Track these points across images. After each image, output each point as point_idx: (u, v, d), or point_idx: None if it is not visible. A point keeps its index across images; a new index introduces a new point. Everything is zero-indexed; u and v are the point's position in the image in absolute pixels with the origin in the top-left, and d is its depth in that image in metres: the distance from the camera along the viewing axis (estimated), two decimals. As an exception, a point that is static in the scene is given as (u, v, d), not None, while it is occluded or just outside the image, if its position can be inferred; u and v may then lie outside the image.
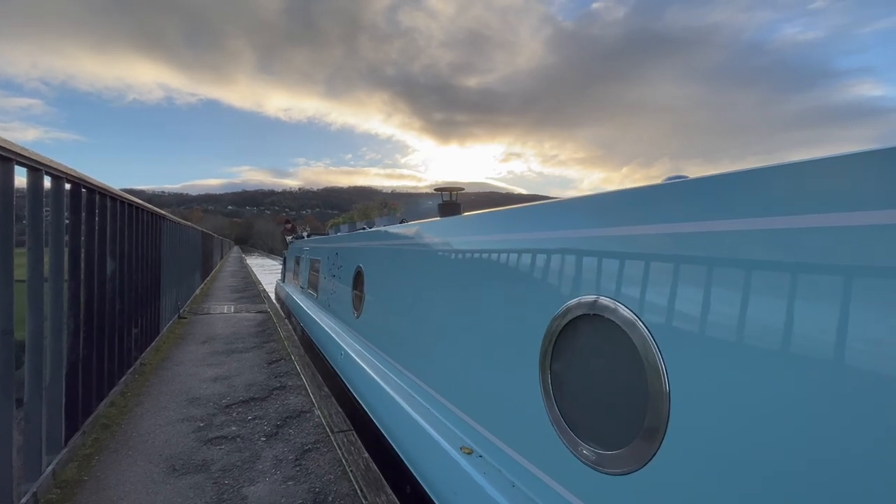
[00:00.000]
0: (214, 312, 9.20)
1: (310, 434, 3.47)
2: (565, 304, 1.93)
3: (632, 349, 1.60)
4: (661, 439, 1.48)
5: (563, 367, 1.97)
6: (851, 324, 1.07)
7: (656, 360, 1.51)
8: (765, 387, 1.23)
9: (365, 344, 4.88)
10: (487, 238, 2.74)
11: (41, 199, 2.57)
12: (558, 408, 1.94)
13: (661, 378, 1.48)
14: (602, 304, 1.74)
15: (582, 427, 1.84)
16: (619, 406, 1.69)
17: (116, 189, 4.03)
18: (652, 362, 1.52)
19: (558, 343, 1.98)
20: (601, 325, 1.76)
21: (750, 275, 1.29)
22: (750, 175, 1.35)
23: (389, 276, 4.49)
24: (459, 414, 2.76)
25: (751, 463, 1.24)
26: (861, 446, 1.04)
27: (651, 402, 1.52)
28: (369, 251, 5.22)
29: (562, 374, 1.97)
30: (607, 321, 1.71)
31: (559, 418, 1.93)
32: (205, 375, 4.91)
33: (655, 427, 1.50)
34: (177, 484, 2.74)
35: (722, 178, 1.43)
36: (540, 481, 1.98)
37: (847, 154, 1.15)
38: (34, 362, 2.50)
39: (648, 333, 1.55)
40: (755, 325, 1.26)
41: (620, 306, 1.66)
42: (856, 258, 1.08)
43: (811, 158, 1.23)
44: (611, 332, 1.70)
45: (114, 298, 3.96)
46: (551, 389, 1.99)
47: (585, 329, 1.86)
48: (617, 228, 1.77)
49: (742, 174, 1.38)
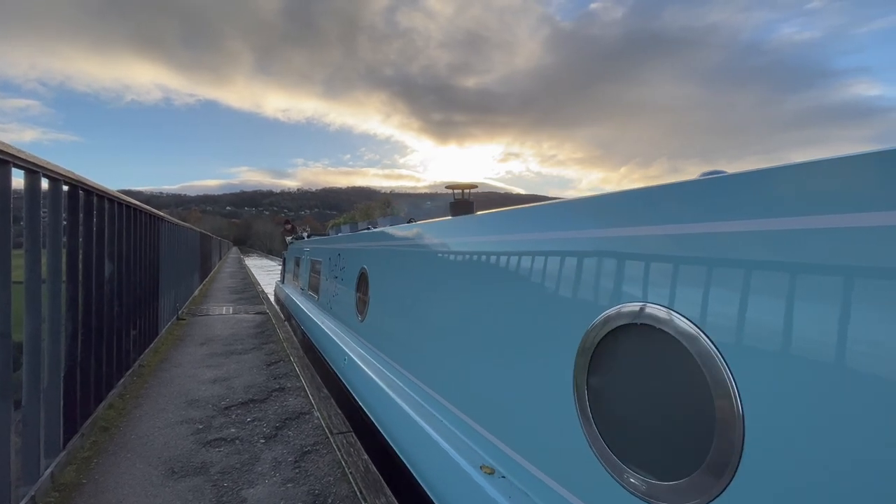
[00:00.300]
0: (213, 314, 9.18)
1: (309, 436, 3.46)
2: (604, 313, 1.74)
3: (690, 364, 1.41)
4: (733, 471, 1.28)
5: (604, 382, 1.75)
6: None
7: (724, 377, 1.32)
8: (857, 409, 1.06)
9: (370, 349, 4.66)
10: (510, 238, 2.50)
11: (39, 200, 2.57)
12: (597, 428, 1.74)
13: (733, 399, 1.30)
14: (649, 312, 1.56)
15: (629, 452, 1.63)
16: (679, 431, 1.48)
17: (114, 191, 4.02)
18: (719, 380, 1.33)
19: (596, 355, 1.77)
20: (650, 337, 1.57)
21: (830, 280, 1.12)
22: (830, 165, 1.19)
23: (397, 279, 4.27)
24: (479, 429, 2.55)
25: (842, 498, 1.08)
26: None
27: (720, 427, 1.32)
28: (374, 252, 5.02)
29: (603, 391, 1.75)
30: (658, 332, 1.52)
31: (598, 439, 1.73)
32: (204, 377, 4.89)
33: (726, 456, 1.30)
34: (175, 487, 2.73)
35: (784, 171, 1.28)
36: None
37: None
38: (32, 364, 2.49)
39: (712, 346, 1.36)
40: (842, 336, 1.09)
41: (674, 315, 1.48)
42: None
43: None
44: (663, 345, 1.51)
45: (112, 300, 3.95)
46: (589, 407, 1.78)
47: (630, 341, 1.66)
48: (664, 227, 1.58)
49: (827, 163, 1.20)
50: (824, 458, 1.10)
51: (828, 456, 1.10)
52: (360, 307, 5.18)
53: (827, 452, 1.10)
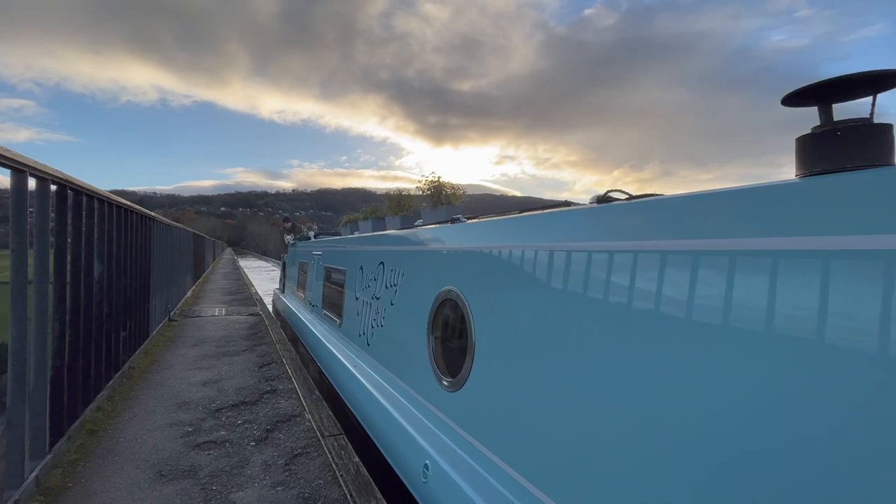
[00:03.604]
0: (206, 315, 9.12)
1: (300, 438, 3.44)
2: None
3: None
4: None
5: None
6: None
7: None
8: None
9: (464, 442, 2.57)
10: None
11: (25, 200, 2.54)
12: None
13: None
14: None
15: None
16: None
17: (104, 191, 3.98)
18: None
19: None
20: None
21: None
22: None
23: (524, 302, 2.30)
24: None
25: None
26: None
27: None
28: (470, 259, 2.90)
29: None
30: None
31: None
32: (194, 379, 4.85)
33: None
34: (163, 490, 2.70)
35: None
36: None
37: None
38: (17, 367, 2.46)
39: None
40: None
41: None
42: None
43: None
44: None
45: (101, 301, 3.91)
46: None
47: None
48: None
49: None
50: None
51: None
52: (450, 364, 2.94)
53: None
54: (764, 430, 1.22)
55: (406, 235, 4.20)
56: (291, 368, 5.26)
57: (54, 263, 3.04)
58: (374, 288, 4.50)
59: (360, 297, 4.92)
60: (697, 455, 1.36)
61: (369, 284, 4.70)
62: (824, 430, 1.11)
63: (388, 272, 4.21)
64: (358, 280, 5.12)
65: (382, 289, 4.28)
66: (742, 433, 1.27)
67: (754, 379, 1.26)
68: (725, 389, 1.31)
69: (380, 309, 4.29)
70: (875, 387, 1.04)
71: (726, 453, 1.30)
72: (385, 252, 4.46)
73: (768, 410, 1.22)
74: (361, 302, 4.88)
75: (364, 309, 4.75)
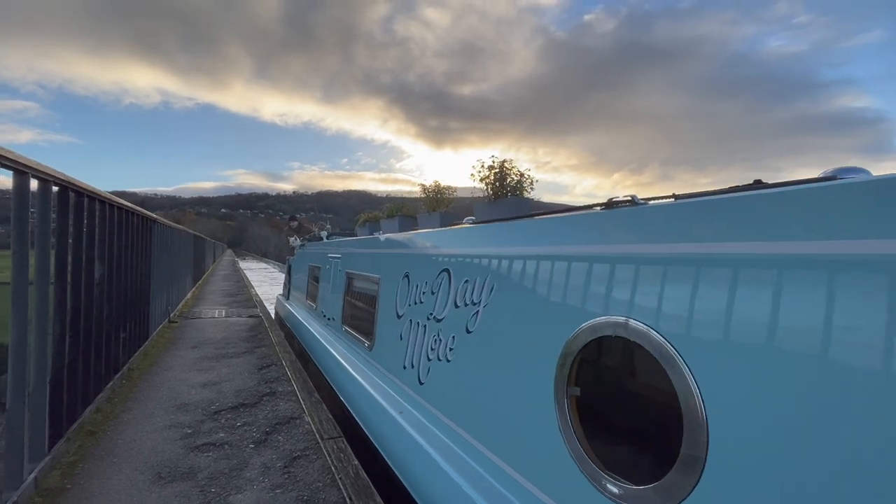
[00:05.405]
0: (205, 317, 9.11)
1: (299, 441, 3.43)
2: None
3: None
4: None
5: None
6: None
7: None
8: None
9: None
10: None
11: (27, 201, 2.55)
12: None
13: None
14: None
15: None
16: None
17: (105, 192, 3.99)
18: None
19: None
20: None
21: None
22: None
23: None
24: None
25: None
26: None
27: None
28: None
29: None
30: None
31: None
32: (194, 381, 4.85)
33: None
34: (162, 492, 2.70)
35: None
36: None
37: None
38: (18, 367, 2.46)
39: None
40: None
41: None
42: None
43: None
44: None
45: (101, 303, 3.91)
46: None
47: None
48: None
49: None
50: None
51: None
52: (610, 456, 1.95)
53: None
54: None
55: (496, 231, 2.97)
56: (291, 371, 5.26)
57: (55, 264, 3.04)
58: (431, 305, 3.41)
59: (406, 315, 3.87)
60: None
61: (421, 299, 3.61)
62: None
63: (460, 284, 3.07)
64: (401, 292, 4.03)
65: (449, 307, 3.16)
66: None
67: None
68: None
69: (442, 336, 3.17)
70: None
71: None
72: (455, 258, 3.24)
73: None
74: (407, 322, 3.81)
75: (412, 332, 3.67)
